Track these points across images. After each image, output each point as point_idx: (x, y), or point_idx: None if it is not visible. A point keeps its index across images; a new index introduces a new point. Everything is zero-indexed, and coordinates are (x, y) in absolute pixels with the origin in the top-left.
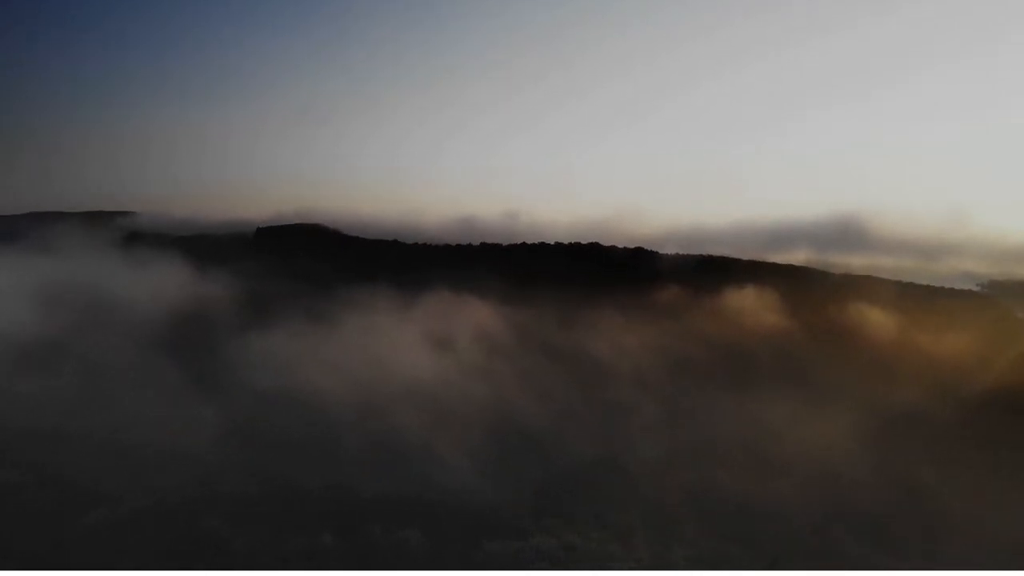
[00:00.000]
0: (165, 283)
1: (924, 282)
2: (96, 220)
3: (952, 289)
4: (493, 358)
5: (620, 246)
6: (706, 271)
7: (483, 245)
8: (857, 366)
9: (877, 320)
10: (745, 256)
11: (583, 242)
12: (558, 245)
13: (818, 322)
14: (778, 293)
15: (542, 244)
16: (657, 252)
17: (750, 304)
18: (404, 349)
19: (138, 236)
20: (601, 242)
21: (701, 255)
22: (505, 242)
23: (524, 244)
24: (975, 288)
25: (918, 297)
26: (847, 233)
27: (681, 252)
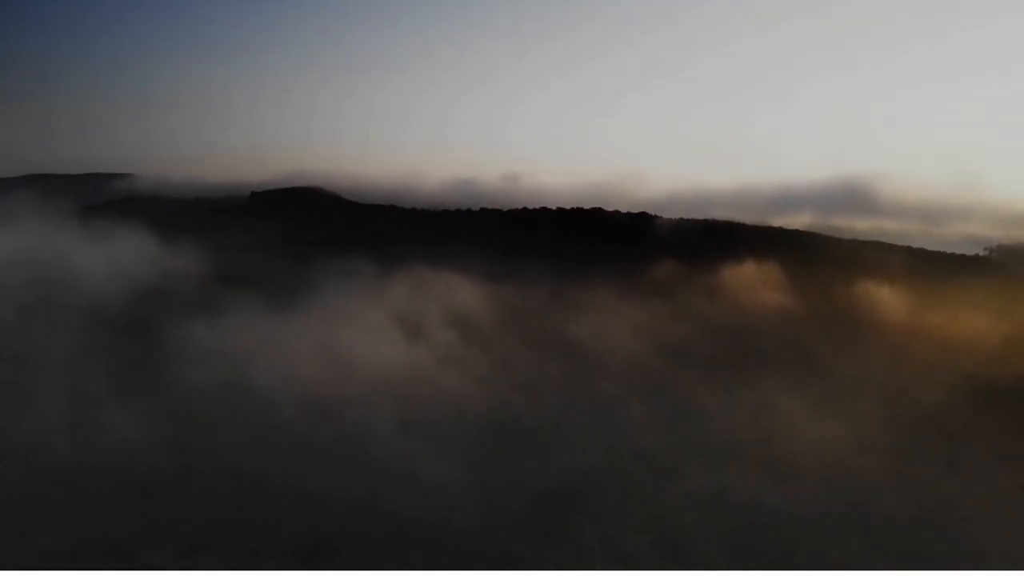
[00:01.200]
0: (130, 256)
1: (934, 247)
2: (88, 182)
3: (963, 256)
4: (482, 345)
5: (624, 211)
6: (712, 238)
7: (483, 211)
8: (872, 345)
9: (891, 292)
10: (751, 221)
11: (586, 207)
12: (560, 211)
13: (828, 296)
14: (785, 261)
15: (543, 209)
16: (660, 216)
17: (757, 277)
18: (382, 335)
19: (132, 200)
20: (604, 207)
21: (706, 219)
22: (505, 207)
23: (525, 209)
24: (983, 253)
25: (930, 264)
26: (855, 197)
27: (686, 216)
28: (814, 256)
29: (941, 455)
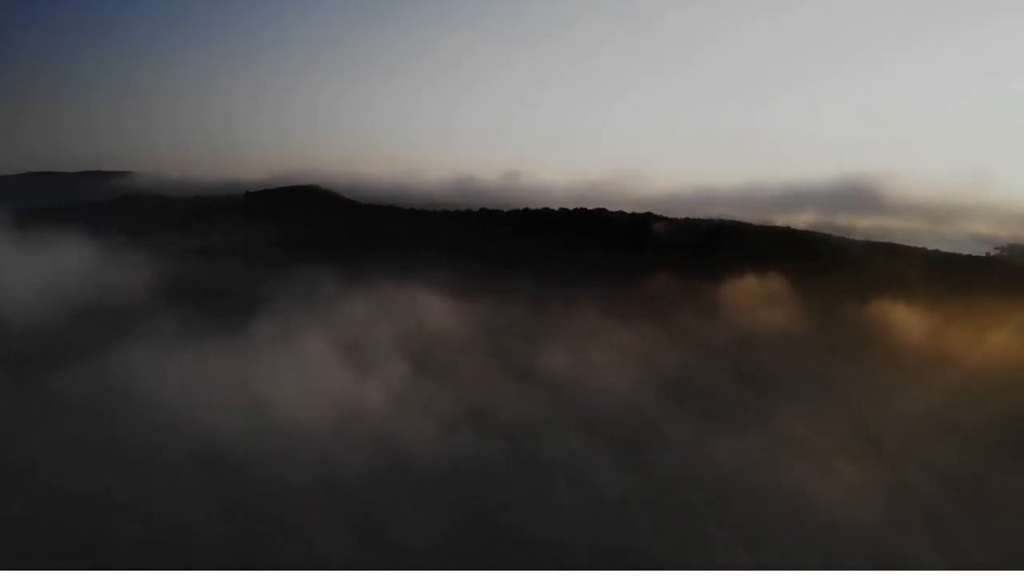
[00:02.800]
0: (73, 266)
1: (944, 248)
2: (91, 180)
3: (980, 258)
4: (447, 379)
5: (628, 211)
6: (721, 240)
7: (483, 211)
8: (899, 370)
9: (912, 303)
10: (757, 221)
11: (589, 207)
12: (563, 211)
13: (847, 310)
14: (796, 268)
15: (546, 210)
16: (666, 217)
17: (768, 288)
18: (327, 367)
19: (129, 199)
20: (608, 207)
21: (711, 218)
22: (506, 207)
23: (527, 210)
24: (993, 252)
25: (947, 268)
26: (861, 196)
27: (692, 216)
28: (827, 262)
29: (998, 507)
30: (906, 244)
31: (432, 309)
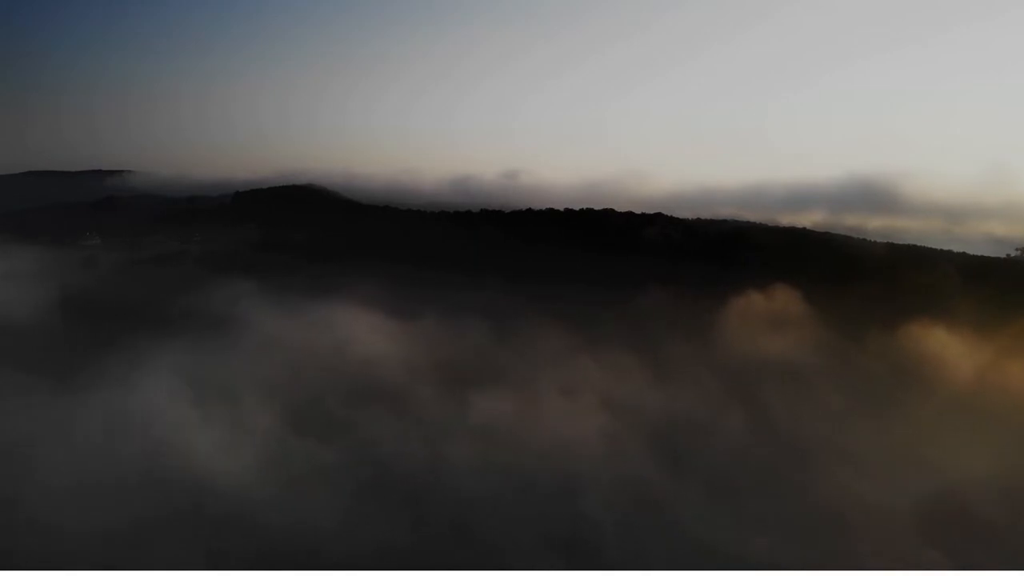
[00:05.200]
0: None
1: (962, 249)
2: (89, 179)
3: (1007, 259)
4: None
5: (638, 212)
6: (734, 242)
7: (483, 212)
8: (965, 418)
9: (954, 324)
10: (772, 223)
11: (596, 207)
12: (568, 211)
13: (882, 333)
14: (814, 275)
15: (550, 210)
16: (675, 217)
17: (791, 305)
18: (186, 417)
19: (117, 200)
20: (616, 208)
21: (724, 219)
22: (507, 208)
23: (529, 210)
24: (1014, 254)
25: (978, 273)
26: (874, 196)
27: (701, 217)
28: (851, 270)
29: None
30: (931, 247)
31: (363, 336)
